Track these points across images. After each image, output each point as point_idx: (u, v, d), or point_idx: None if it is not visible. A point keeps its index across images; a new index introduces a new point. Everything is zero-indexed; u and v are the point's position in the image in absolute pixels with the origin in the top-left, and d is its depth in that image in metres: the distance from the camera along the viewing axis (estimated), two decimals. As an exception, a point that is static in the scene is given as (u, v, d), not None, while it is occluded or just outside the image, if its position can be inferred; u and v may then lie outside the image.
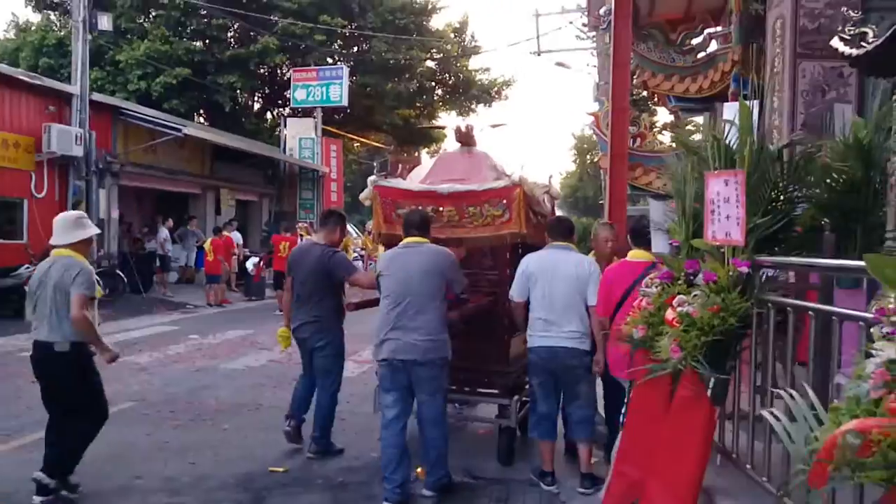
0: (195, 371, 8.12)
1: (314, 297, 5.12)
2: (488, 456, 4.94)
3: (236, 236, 17.10)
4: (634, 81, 13.13)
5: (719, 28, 12.51)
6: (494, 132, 31.83)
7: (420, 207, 4.86)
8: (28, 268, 11.88)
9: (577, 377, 4.42)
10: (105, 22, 14.72)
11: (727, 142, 3.43)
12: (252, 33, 21.97)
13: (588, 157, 45.22)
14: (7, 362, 8.18)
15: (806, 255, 3.23)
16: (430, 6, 25.68)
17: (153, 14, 22.25)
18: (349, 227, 25.15)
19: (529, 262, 4.54)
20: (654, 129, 16.27)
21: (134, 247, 16.59)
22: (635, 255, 4.36)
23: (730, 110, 3.62)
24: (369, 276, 5.08)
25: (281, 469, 4.82)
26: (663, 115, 27.05)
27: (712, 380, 2.83)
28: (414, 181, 5.19)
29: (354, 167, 33.27)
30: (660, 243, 3.76)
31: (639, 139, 12.71)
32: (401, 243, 4.52)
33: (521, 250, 5.01)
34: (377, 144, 30.22)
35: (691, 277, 3.27)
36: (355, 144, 30.02)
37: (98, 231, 4.92)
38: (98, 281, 4.52)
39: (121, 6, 20.90)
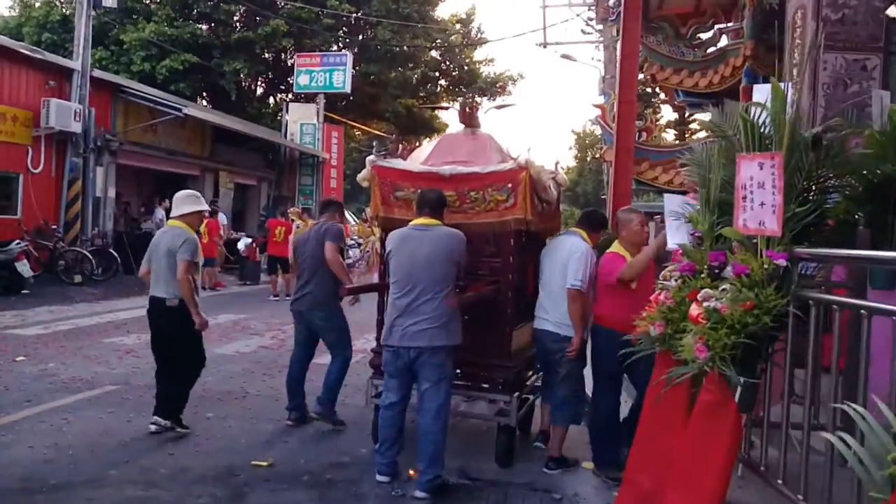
0: (184, 355, 7.85)
1: (315, 274, 5.34)
2: (486, 456, 4.66)
3: (221, 218, 16.73)
4: (642, 74, 12.86)
5: (730, 23, 12.24)
6: (499, 115, 31.49)
7: (419, 190, 4.60)
8: (19, 243, 11.63)
9: (554, 362, 4.55)
10: (110, -1, 14.42)
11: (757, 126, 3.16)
12: (257, 17, 21.64)
13: (589, 152, 44.91)
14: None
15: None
16: (435, -5, 25.34)
17: (160, -5, 21.92)
18: (347, 215, 24.91)
19: (546, 248, 4.87)
20: (659, 126, 16.04)
21: (130, 226, 16.32)
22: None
23: (760, 93, 3.32)
24: (334, 253, 5.26)
25: (265, 463, 4.54)
26: (667, 114, 26.89)
27: (740, 384, 2.56)
28: (414, 162, 4.91)
29: (355, 155, 32.93)
30: (678, 234, 3.48)
31: (645, 133, 12.47)
32: (411, 223, 4.26)
33: (524, 238, 4.72)
34: (379, 133, 29.90)
35: (716, 270, 3.01)
36: (356, 132, 29.71)
37: (207, 208, 5.60)
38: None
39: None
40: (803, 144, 3.11)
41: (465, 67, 26.58)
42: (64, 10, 21.19)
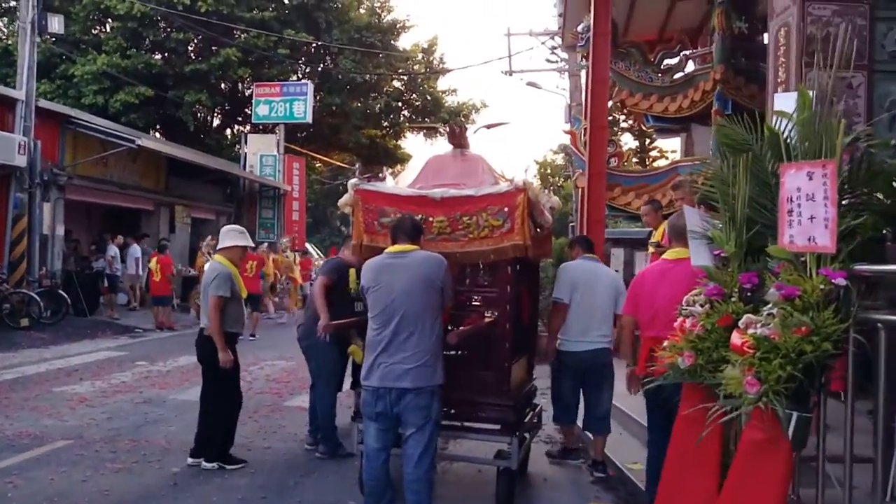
0: (142, 402, 7.29)
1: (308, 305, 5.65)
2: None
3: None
4: (612, 100, 12.82)
5: (697, 49, 12.29)
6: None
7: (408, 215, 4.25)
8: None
9: (605, 375, 5.01)
10: (56, 24, 13.83)
11: (783, 136, 2.91)
12: (213, 47, 21.20)
13: (551, 180, 45.15)
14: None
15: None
16: (398, 25, 25.24)
17: (110, 25, 21.30)
18: (307, 246, 24.39)
19: (571, 269, 5.08)
20: (628, 152, 16.04)
21: (81, 265, 15.53)
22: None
23: (783, 101, 3.07)
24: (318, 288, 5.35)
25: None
26: (627, 141, 27.17)
27: (793, 419, 2.25)
28: (400, 186, 4.57)
29: (317, 187, 32.49)
30: (701, 255, 3.19)
31: (615, 159, 12.34)
32: (386, 251, 3.88)
33: (518, 265, 4.39)
34: (341, 164, 29.54)
35: (748, 293, 2.72)
36: (318, 164, 29.30)
37: (250, 243, 5.60)
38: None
39: (75, 15, 19.93)
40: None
41: (429, 97, 26.42)
42: (6, 42, 20.43)
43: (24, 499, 4.40)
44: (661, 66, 12.60)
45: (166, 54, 21.51)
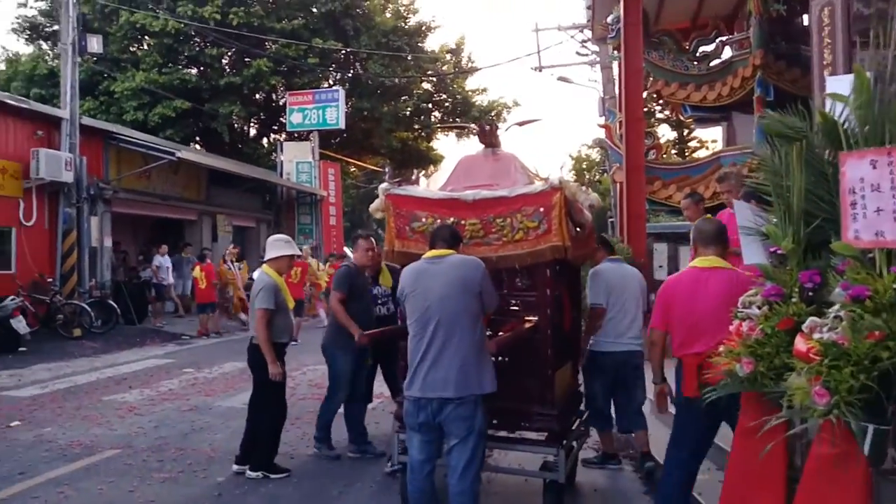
0: (188, 410, 7.35)
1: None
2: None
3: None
4: (647, 90, 12.55)
5: (734, 35, 11.97)
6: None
7: (440, 220, 4.16)
8: (14, 299, 11.16)
9: (637, 376, 5.08)
10: (95, 44, 14.19)
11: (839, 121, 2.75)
12: (246, 59, 21.47)
13: (587, 175, 44.65)
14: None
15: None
16: (424, 27, 25.22)
17: (146, 42, 21.73)
18: (346, 250, 24.52)
19: (603, 273, 5.07)
20: (666, 143, 15.69)
21: (129, 275, 15.88)
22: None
23: (836, 84, 2.90)
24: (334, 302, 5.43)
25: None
26: (665, 133, 26.66)
27: (870, 432, 2.10)
28: (432, 189, 4.48)
29: (352, 191, 32.67)
30: (754, 252, 3.03)
31: (654, 151, 12.08)
32: (424, 256, 3.78)
33: (558, 267, 4.26)
34: (375, 168, 29.62)
35: (810, 293, 2.57)
36: (352, 168, 29.43)
37: (297, 252, 5.62)
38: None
39: (113, 35, 20.38)
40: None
41: (458, 97, 26.36)
42: (51, 64, 20.98)
43: (74, 511, 4.45)
44: (697, 54, 12.31)
45: (201, 68, 21.86)
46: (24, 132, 12.93)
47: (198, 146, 23.10)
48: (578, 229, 4.40)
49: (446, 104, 26.70)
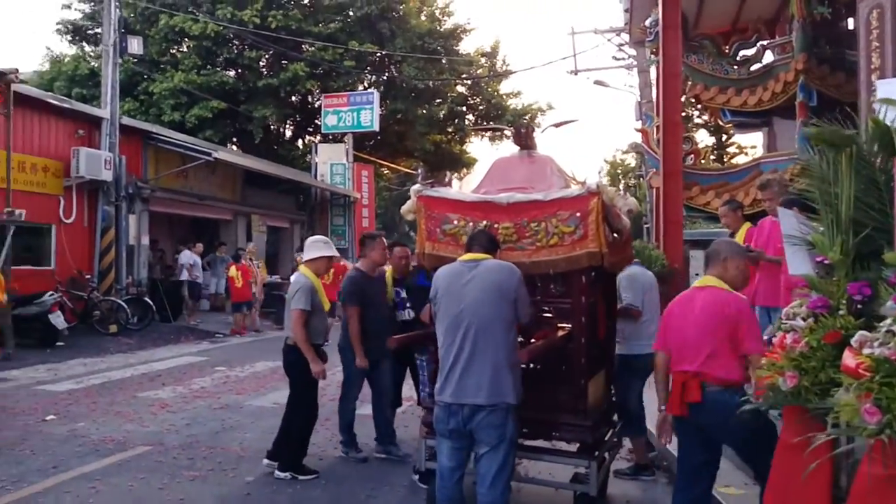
0: (219, 408, 7.41)
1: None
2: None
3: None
4: (685, 95, 12.36)
5: (775, 39, 11.73)
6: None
7: (472, 223, 4.11)
8: (52, 295, 11.37)
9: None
10: (135, 45, 14.45)
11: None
12: (283, 62, 21.68)
13: (622, 180, 44.22)
14: (20, 398, 7.54)
15: None
16: (459, 30, 25.19)
17: (185, 45, 22.07)
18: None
19: (638, 276, 5.16)
20: (705, 149, 15.38)
21: (165, 273, 16.13)
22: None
23: (888, 88, 2.79)
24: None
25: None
26: (703, 138, 26.25)
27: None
28: (464, 191, 4.43)
29: (385, 194, 32.77)
30: (800, 262, 2.93)
31: (693, 156, 11.89)
32: (460, 259, 3.73)
33: (593, 274, 4.16)
34: (408, 170, 29.68)
35: (858, 306, 2.46)
36: (385, 171, 29.53)
37: (335, 253, 5.55)
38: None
39: (153, 37, 20.74)
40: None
41: (492, 101, 26.27)
42: (92, 65, 21.43)
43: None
44: (737, 58, 12.09)
45: (239, 71, 22.13)
46: (66, 131, 13.21)
47: (234, 147, 23.40)
48: (615, 235, 4.30)
49: (480, 107, 26.64)
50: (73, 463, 5.31)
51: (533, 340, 4.08)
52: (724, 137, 25.83)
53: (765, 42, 11.91)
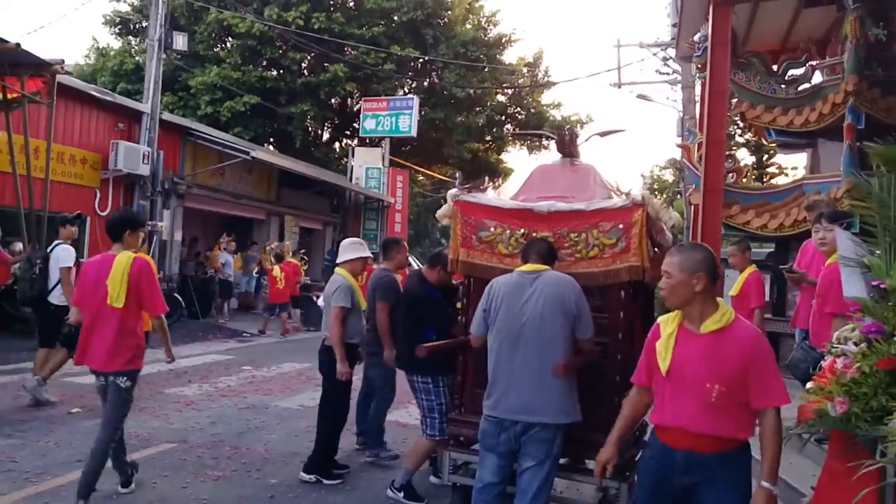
0: (245, 408, 7.38)
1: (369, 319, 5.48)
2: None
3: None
4: (730, 112, 12.13)
5: (825, 59, 11.45)
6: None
7: (510, 230, 4.01)
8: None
9: None
10: (180, 42, 14.60)
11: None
12: (325, 63, 21.84)
13: (659, 196, 43.72)
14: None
15: None
16: (503, 39, 25.16)
17: (229, 42, 22.37)
18: (411, 259, 24.61)
19: None
20: (747, 167, 15.14)
21: (197, 270, 16.24)
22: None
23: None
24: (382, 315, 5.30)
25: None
26: (743, 157, 25.81)
27: None
28: (503, 197, 4.33)
29: (419, 200, 32.81)
30: (854, 284, 2.79)
31: (735, 175, 11.64)
32: (518, 269, 3.63)
33: (632, 289, 4.03)
34: (443, 178, 29.70)
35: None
36: (420, 177, 29.58)
37: (369, 254, 5.57)
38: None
39: (199, 33, 21.05)
40: None
41: (533, 111, 26.15)
42: (137, 59, 21.80)
43: (128, 502, 4.46)
44: (786, 77, 11.83)
45: (280, 71, 22.34)
46: (106, 124, 13.36)
47: (271, 147, 23.61)
48: (656, 250, 4.17)
49: (520, 117, 26.53)
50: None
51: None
52: (765, 157, 25.39)
53: (814, 62, 11.65)
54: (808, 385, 2.71)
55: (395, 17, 22.63)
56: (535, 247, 3.66)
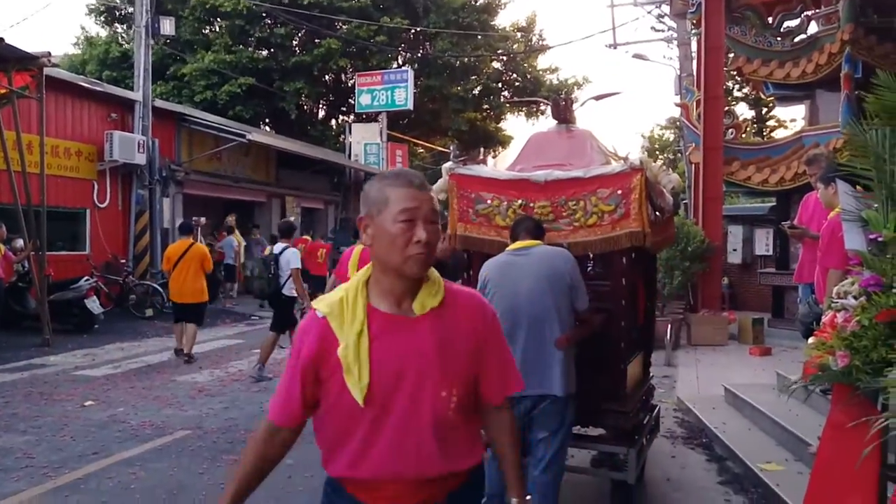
0: (257, 391, 7.45)
1: None
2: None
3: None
4: (727, 67, 12.02)
5: (820, 9, 11.29)
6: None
7: (507, 202, 3.97)
8: (88, 280, 11.51)
9: None
10: (167, 27, 14.45)
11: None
12: (316, 39, 21.61)
13: (660, 156, 43.50)
14: (59, 384, 7.65)
15: None
16: (493, 4, 24.82)
17: (217, 24, 22.12)
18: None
19: None
20: (746, 122, 15.01)
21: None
22: None
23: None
24: None
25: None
26: (742, 111, 25.57)
27: None
28: (499, 168, 4.28)
29: (420, 172, 32.70)
30: (855, 237, 2.78)
31: (734, 131, 11.57)
32: (509, 248, 3.62)
33: (633, 254, 4.00)
34: (442, 149, 29.56)
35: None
36: (419, 150, 29.44)
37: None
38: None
39: (185, 17, 20.81)
40: None
41: (528, 76, 25.91)
42: (124, 47, 21.60)
43: (146, 491, 4.51)
44: (781, 29, 11.70)
45: (271, 50, 22.13)
46: (98, 115, 13.31)
47: (267, 128, 23.49)
48: (657, 214, 4.13)
49: (516, 84, 26.29)
50: (113, 448, 5.36)
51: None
52: (764, 111, 25.20)
53: (809, 12, 11.50)
54: (810, 340, 2.73)
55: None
56: (524, 224, 3.63)
